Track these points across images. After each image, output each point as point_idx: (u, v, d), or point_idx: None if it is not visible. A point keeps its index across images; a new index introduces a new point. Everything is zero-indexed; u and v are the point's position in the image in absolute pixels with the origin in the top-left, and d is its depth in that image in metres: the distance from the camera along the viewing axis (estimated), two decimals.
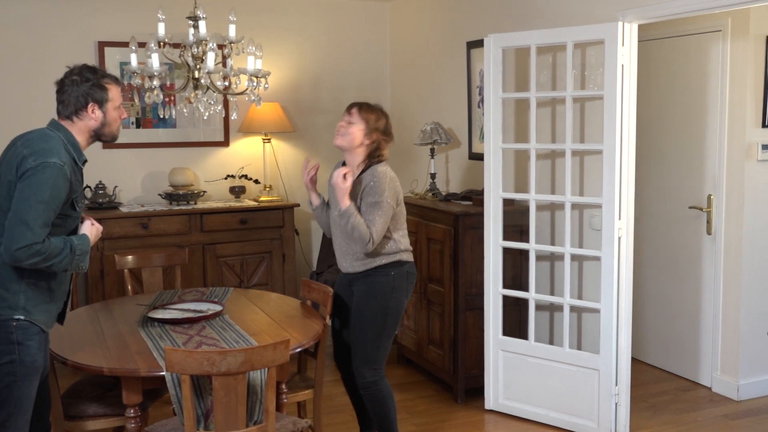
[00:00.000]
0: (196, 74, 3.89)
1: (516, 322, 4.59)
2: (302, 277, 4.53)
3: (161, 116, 4.11)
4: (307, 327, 3.40)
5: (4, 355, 2.64)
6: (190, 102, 3.98)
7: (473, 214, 4.47)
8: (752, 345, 4.57)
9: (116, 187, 5.43)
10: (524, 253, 4.47)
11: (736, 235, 4.54)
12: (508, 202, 4.46)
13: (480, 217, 4.42)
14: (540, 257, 4.46)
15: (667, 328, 5.04)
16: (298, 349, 3.17)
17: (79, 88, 2.78)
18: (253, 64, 3.89)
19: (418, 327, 4.94)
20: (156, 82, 3.76)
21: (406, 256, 3.56)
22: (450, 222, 4.53)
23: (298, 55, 6.07)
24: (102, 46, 5.44)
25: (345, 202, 3.39)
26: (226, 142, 5.88)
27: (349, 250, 3.53)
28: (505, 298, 4.40)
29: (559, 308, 4.44)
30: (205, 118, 4.19)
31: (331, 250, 4.24)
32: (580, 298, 4.35)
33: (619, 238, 3.94)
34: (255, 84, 3.90)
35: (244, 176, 5.81)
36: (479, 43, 4.88)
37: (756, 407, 4.46)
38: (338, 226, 3.54)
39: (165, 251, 4.48)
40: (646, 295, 5.17)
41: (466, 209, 4.55)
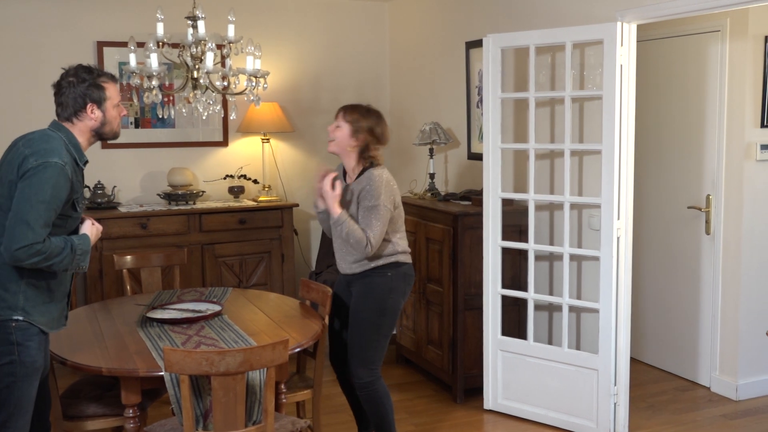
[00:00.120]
0: (195, 74, 3.88)
1: (515, 322, 4.59)
2: (301, 277, 4.52)
3: (160, 116, 4.11)
4: (306, 327, 3.40)
5: (4, 356, 2.64)
6: (189, 102, 3.97)
7: (472, 214, 4.47)
8: (751, 345, 4.57)
9: (115, 187, 5.43)
10: (523, 253, 4.48)
11: (735, 235, 4.54)
12: (507, 202, 4.46)
13: (479, 217, 4.42)
14: (539, 257, 4.46)
15: (666, 328, 5.05)
16: (297, 349, 3.17)
17: (77, 89, 2.77)
18: (252, 64, 3.89)
19: (417, 327, 4.94)
20: (155, 82, 3.76)
21: (404, 257, 3.56)
22: (449, 222, 4.53)
23: (297, 55, 6.06)
24: (101, 45, 5.44)
25: (336, 210, 3.40)
26: (225, 142, 5.88)
27: (347, 251, 3.54)
28: (504, 298, 4.40)
29: (558, 308, 4.44)
30: (204, 118, 4.18)
31: (331, 250, 4.24)
32: (578, 298, 4.35)
33: (618, 238, 3.95)
34: (254, 84, 3.90)
35: (243, 176, 5.81)
36: (478, 43, 4.88)
37: (755, 407, 4.46)
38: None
39: (164, 251, 4.48)
40: (645, 295, 5.17)
41: (465, 209, 4.55)
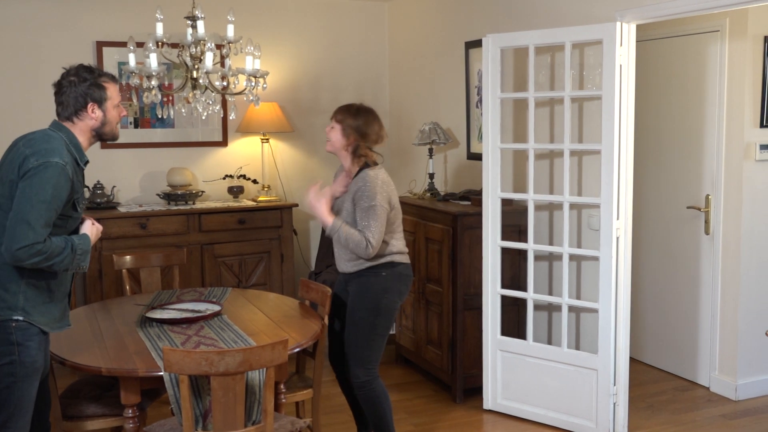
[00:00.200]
0: (195, 74, 3.88)
1: (514, 322, 4.59)
2: (300, 277, 4.52)
3: (159, 116, 4.10)
4: (305, 327, 3.40)
5: (4, 356, 2.64)
6: (189, 102, 3.97)
7: (472, 214, 4.47)
8: (750, 345, 4.57)
9: (114, 187, 5.43)
10: (522, 253, 4.48)
11: (735, 235, 4.54)
12: (507, 202, 4.46)
13: (478, 217, 4.42)
14: (538, 257, 4.46)
15: (666, 328, 5.05)
16: (297, 349, 3.17)
17: (78, 88, 2.77)
18: (251, 64, 3.89)
19: (416, 327, 4.94)
20: (154, 82, 3.76)
21: (399, 257, 3.55)
22: (448, 222, 4.53)
23: (297, 55, 6.06)
24: (100, 45, 5.44)
25: (327, 221, 3.45)
26: (224, 142, 5.87)
27: (343, 250, 3.55)
28: (504, 298, 4.40)
29: (558, 308, 4.44)
30: (204, 118, 4.19)
31: (330, 250, 4.25)
32: (578, 298, 4.35)
33: (618, 238, 3.95)
34: (253, 84, 3.90)
35: (243, 176, 5.81)
36: (478, 43, 4.88)
37: (754, 407, 4.46)
38: None
39: (163, 251, 4.48)
40: (645, 295, 5.18)
41: (464, 209, 4.55)
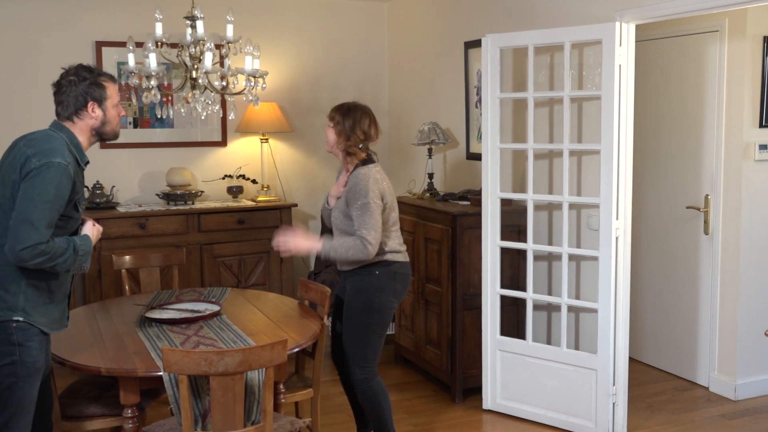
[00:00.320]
0: (194, 74, 3.88)
1: (514, 322, 4.59)
2: (300, 277, 4.52)
3: (159, 116, 4.10)
4: (304, 327, 3.40)
5: (5, 357, 2.64)
6: (188, 102, 3.97)
7: (471, 214, 4.47)
8: (750, 345, 4.57)
9: (113, 187, 5.43)
10: (522, 253, 4.48)
11: (734, 235, 4.54)
12: (506, 202, 4.46)
13: (478, 217, 4.42)
14: (537, 257, 4.46)
15: (665, 328, 5.05)
16: (296, 349, 3.17)
17: (77, 87, 2.77)
18: (250, 64, 3.89)
19: (415, 327, 4.94)
20: (153, 82, 3.76)
21: (393, 256, 3.54)
22: (448, 222, 4.53)
23: (296, 55, 6.06)
24: (99, 45, 5.44)
25: (315, 248, 3.50)
26: (223, 142, 5.87)
27: None
28: (503, 298, 4.40)
29: (557, 308, 4.45)
30: (203, 118, 4.18)
31: None
32: (577, 298, 4.35)
33: (617, 238, 3.95)
34: (253, 84, 3.90)
35: (242, 176, 5.80)
36: (477, 43, 4.88)
37: (753, 407, 4.46)
38: (337, 226, 3.55)
39: (162, 251, 4.48)
40: (644, 295, 5.18)
41: (463, 209, 4.55)
